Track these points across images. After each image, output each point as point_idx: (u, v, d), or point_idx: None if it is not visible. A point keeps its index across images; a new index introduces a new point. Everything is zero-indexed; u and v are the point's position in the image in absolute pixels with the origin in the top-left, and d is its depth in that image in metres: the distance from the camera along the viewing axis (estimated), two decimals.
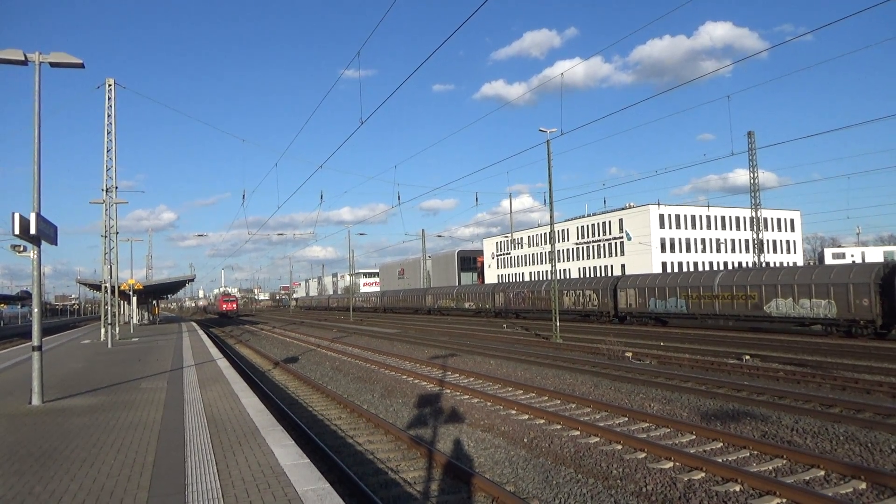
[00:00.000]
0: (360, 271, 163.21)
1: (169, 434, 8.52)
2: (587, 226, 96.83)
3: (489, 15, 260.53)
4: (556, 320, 30.99)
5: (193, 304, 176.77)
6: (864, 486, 7.90)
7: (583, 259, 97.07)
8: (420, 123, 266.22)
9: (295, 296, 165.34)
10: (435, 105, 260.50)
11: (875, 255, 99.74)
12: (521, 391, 15.94)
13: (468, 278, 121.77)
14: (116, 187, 29.56)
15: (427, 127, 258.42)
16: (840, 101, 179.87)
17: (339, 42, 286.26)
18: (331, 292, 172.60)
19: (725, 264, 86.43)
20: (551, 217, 32.43)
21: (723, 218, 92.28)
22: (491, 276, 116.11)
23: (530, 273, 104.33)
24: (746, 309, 32.12)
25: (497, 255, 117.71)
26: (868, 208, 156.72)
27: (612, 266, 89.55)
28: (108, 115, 29.35)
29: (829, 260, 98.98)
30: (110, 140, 29.34)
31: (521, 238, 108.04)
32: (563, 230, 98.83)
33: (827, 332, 28.37)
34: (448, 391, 16.16)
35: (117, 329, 32.24)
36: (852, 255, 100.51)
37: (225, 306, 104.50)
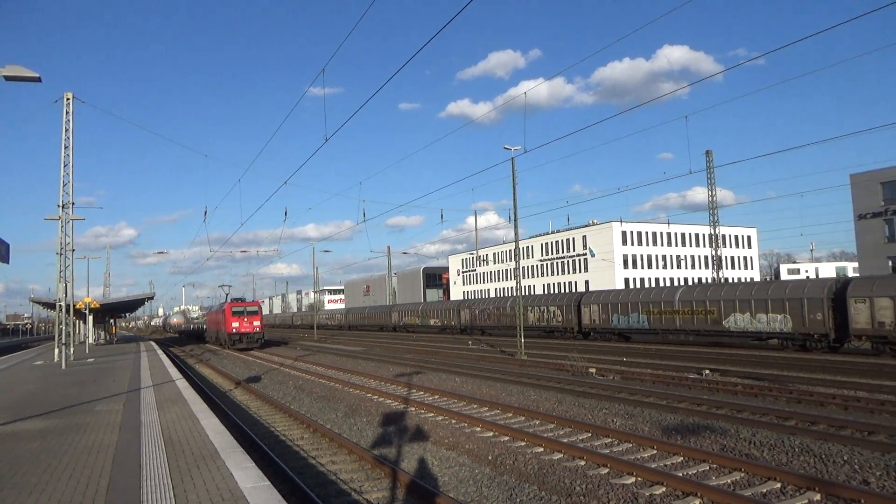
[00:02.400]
0: (325, 288, 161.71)
1: (124, 458, 8.29)
2: (551, 243, 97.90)
3: (455, 35, 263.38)
4: (520, 337, 31.13)
5: (154, 323, 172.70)
6: (818, 497, 8.10)
7: (547, 275, 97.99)
8: (386, 141, 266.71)
9: None
10: (401, 123, 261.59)
11: (828, 270, 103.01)
12: (486, 408, 15.94)
13: (433, 295, 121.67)
14: (73, 203, 28.83)
15: (393, 144, 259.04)
16: (792, 121, 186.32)
17: (305, 59, 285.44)
18: (295, 310, 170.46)
19: (686, 280, 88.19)
20: (516, 234, 32.71)
21: (683, 235, 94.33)
22: (456, 293, 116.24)
23: (495, 289, 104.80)
24: (706, 324, 32.77)
25: (462, 272, 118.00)
26: (821, 225, 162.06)
27: (576, 282, 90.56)
28: (66, 130, 28.70)
29: (784, 276, 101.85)
30: (67, 155, 28.67)
31: (487, 255, 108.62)
32: (527, 247, 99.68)
33: (783, 346, 29.11)
34: (413, 409, 16.07)
35: (72, 349, 31.27)
36: (806, 271, 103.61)
37: (237, 324, 45.59)
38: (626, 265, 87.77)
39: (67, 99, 28.81)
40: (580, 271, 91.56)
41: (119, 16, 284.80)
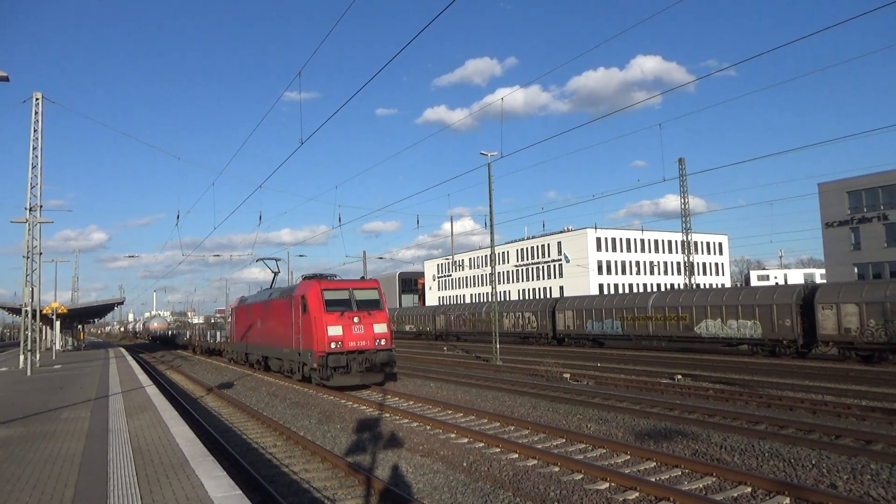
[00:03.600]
0: None
1: (91, 467, 8.09)
2: (527, 248, 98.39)
3: (432, 42, 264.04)
4: (496, 342, 31.19)
5: (121, 329, 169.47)
6: (787, 500, 8.21)
7: (523, 281, 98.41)
8: (362, 146, 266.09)
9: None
10: (378, 128, 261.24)
11: (796, 277, 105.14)
12: (461, 414, 15.92)
13: (409, 300, 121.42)
14: (41, 206, 28.23)
15: (369, 149, 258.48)
16: (762, 131, 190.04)
17: (281, 62, 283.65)
18: None
19: (658, 286, 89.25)
20: (492, 240, 32.80)
21: (656, 241, 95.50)
22: (432, 299, 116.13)
23: (471, 295, 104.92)
24: (678, 330, 33.17)
25: (438, 278, 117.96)
26: (790, 233, 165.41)
27: (550, 288, 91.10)
28: (35, 131, 28.11)
29: (754, 282, 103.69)
30: (36, 157, 28.07)
31: (462, 260, 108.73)
32: (503, 252, 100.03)
33: (753, 352, 29.58)
34: (388, 415, 15.97)
35: (38, 355, 30.54)
36: (776, 278, 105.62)
37: (341, 330, 20.11)
38: (600, 271, 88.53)
39: (37, 99, 28.24)
40: (555, 277, 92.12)
41: (92, 15, 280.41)
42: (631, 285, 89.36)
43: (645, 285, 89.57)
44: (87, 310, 52.38)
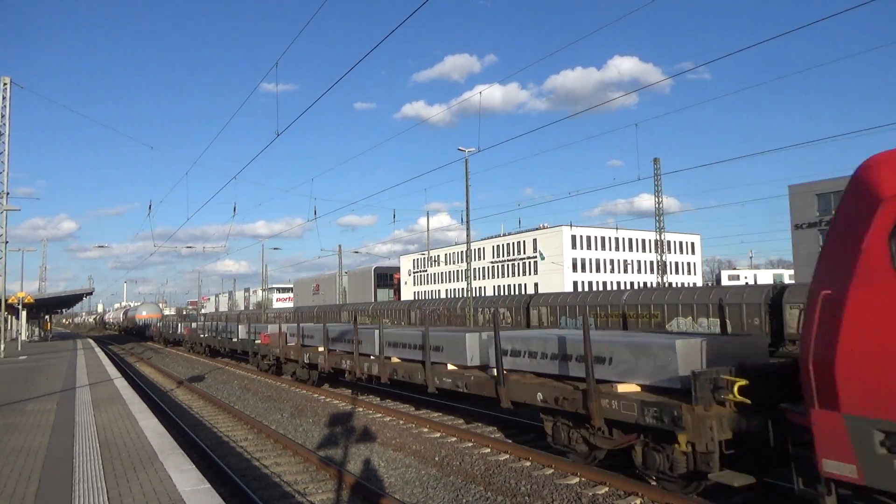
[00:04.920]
0: (274, 286, 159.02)
1: (56, 461, 7.94)
2: (503, 245, 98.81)
3: (411, 38, 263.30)
4: None
5: (92, 319, 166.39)
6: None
7: (498, 277, 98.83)
8: (339, 139, 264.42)
9: (204, 311, 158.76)
10: (356, 122, 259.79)
11: (766, 277, 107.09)
12: (434, 409, 15.93)
13: (385, 295, 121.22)
14: (8, 193, 27.60)
15: (347, 143, 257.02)
16: (736, 133, 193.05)
17: (258, 52, 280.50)
18: (242, 307, 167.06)
19: (632, 284, 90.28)
20: (468, 235, 32.87)
21: (630, 240, 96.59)
22: (407, 293, 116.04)
23: (446, 290, 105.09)
24: (650, 327, 33.57)
25: (414, 272, 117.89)
26: (760, 234, 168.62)
27: (525, 284, 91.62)
28: (2, 116, 27.42)
29: (725, 281, 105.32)
30: (3, 143, 27.39)
31: (438, 256, 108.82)
32: (479, 249, 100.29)
33: None
34: (361, 409, 15.93)
35: (2, 346, 29.86)
36: (745, 278, 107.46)
37: None
38: (574, 269, 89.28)
39: (4, 84, 27.53)
40: (530, 274, 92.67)
41: (64, 0, 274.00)
42: (605, 283, 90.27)
43: (618, 283, 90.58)
44: (55, 300, 51.39)
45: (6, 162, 27.55)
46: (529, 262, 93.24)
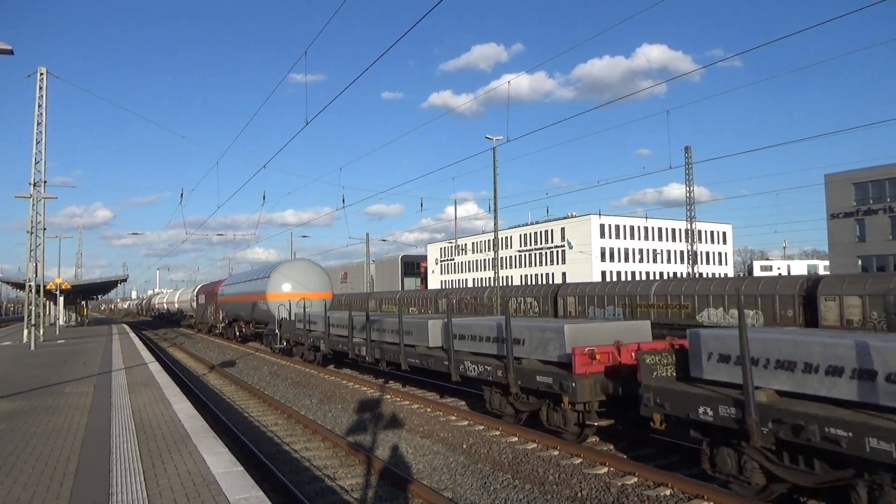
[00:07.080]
0: None
1: (94, 441, 8.16)
2: (530, 234, 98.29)
3: (438, 27, 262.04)
4: None
5: (126, 306, 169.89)
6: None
7: (525, 266, 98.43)
8: (367, 128, 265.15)
9: None
10: (383, 111, 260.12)
11: (800, 268, 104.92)
12: (462, 397, 15.97)
13: (411, 283, 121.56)
14: (45, 182, 28.23)
15: (374, 132, 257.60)
16: (768, 121, 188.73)
17: (287, 43, 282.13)
18: None
19: (661, 274, 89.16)
20: (495, 224, 32.76)
21: (660, 229, 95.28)
22: (434, 282, 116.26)
23: (473, 279, 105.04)
24: (680, 318, 33.15)
25: (441, 261, 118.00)
26: (794, 223, 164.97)
27: (553, 274, 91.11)
28: (39, 106, 28.01)
29: (757, 272, 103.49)
30: (40, 132, 28.00)
31: (465, 244, 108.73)
32: (506, 237, 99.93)
33: None
34: (388, 396, 16.05)
35: (41, 330, 30.71)
36: (779, 268, 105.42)
37: None
38: (603, 258, 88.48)
39: (41, 74, 28.09)
40: (558, 263, 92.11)
41: None
42: (634, 273, 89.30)
43: (647, 273, 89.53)
44: (91, 286, 52.60)
45: (43, 151, 28.19)
46: (557, 252, 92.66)
